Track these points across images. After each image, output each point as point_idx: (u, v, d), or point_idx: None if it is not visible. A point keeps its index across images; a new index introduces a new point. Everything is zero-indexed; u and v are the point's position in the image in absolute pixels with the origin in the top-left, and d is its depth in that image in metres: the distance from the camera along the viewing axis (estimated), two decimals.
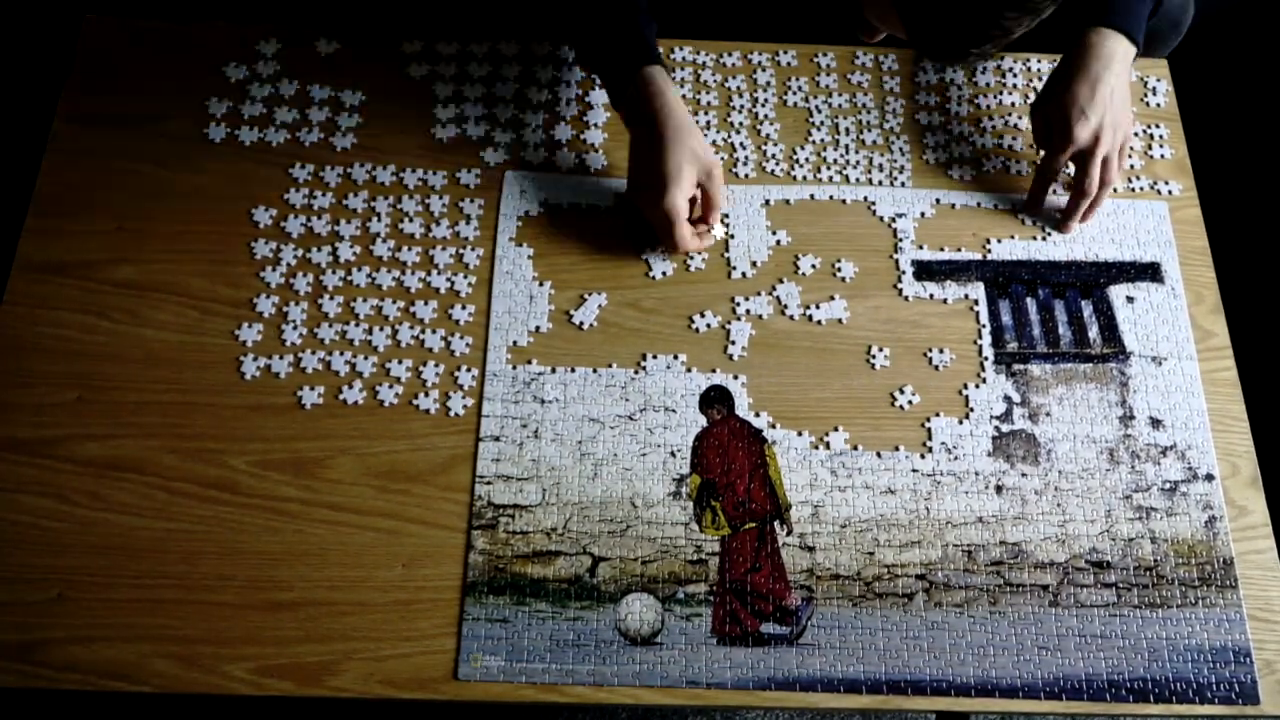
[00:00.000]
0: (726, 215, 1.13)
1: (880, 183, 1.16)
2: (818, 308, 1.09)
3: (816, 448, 1.02)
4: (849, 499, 1.00)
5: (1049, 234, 1.13)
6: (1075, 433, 1.04)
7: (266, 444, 1.00)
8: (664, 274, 1.10)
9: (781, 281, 1.10)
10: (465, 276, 1.09)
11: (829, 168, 1.17)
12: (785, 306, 1.09)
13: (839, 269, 1.11)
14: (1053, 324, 1.09)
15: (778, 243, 1.12)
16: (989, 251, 1.13)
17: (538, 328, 1.07)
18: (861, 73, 1.23)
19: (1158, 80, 1.24)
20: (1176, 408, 1.05)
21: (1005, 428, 1.04)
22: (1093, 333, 1.09)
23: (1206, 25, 1.27)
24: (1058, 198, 1.14)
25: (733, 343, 1.07)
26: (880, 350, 1.07)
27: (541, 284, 1.09)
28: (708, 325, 1.08)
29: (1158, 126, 1.21)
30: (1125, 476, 1.02)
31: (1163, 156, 1.19)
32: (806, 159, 1.17)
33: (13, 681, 0.90)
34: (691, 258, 1.11)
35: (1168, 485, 1.02)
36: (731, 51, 1.23)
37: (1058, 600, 0.97)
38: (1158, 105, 1.23)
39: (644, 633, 0.94)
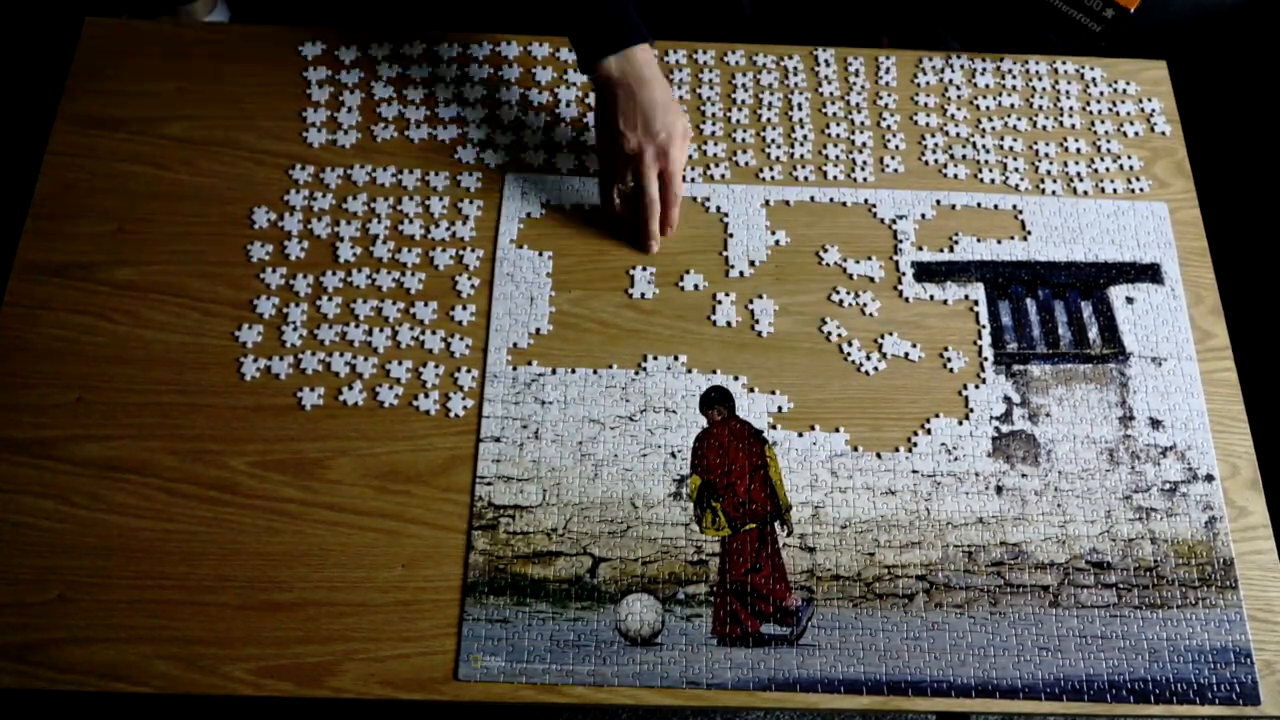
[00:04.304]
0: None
1: (880, 184, 1.16)
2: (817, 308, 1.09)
3: (817, 448, 1.02)
4: (849, 500, 1.00)
5: (1048, 235, 1.14)
6: (1075, 433, 1.04)
7: (266, 445, 1.00)
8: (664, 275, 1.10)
9: (782, 282, 1.10)
10: (465, 278, 1.09)
11: (830, 166, 1.17)
12: (785, 307, 1.09)
13: (839, 269, 1.11)
14: (1052, 325, 1.09)
15: (777, 243, 1.12)
16: (989, 252, 1.13)
17: (538, 329, 1.07)
18: (861, 73, 1.23)
19: (1158, 81, 1.24)
20: (1176, 408, 1.05)
21: (1005, 428, 1.04)
22: (1092, 333, 1.09)
23: (1206, 25, 1.27)
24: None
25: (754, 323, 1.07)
26: (880, 351, 1.07)
27: (542, 286, 1.09)
28: (721, 323, 1.08)
29: (1158, 126, 1.21)
30: (1125, 477, 1.02)
31: (1163, 157, 1.19)
32: (806, 159, 1.17)
33: (13, 682, 0.90)
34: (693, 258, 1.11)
35: (1168, 486, 1.02)
36: (735, 50, 1.23)
37: (1058, 601, 0.97)
38: (1158, 105, 1.23)
39: (644, 633, 0.94)
